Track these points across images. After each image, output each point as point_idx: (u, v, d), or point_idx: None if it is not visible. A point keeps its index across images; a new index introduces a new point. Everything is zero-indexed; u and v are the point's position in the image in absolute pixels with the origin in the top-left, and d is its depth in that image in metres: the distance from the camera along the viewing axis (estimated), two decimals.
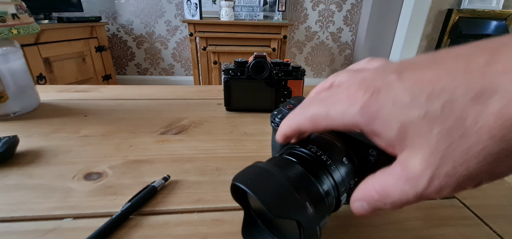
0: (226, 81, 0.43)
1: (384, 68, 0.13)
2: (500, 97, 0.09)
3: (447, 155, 0.11)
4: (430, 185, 0.11)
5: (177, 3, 2.32)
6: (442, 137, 0.11)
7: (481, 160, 0.10)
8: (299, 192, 0.15)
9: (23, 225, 0.22)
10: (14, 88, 0.41)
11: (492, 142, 0.10)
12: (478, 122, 0.10)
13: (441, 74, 0.11)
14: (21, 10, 0.41)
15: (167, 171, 0.29)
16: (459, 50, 0.11)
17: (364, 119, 0.12)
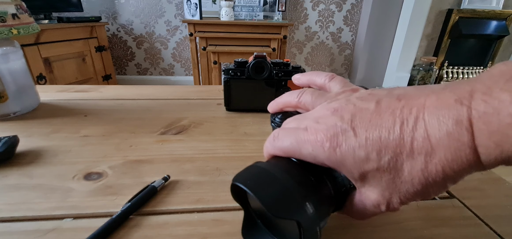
0: (226, 81, 0.43)
1: (341, 118, 0.16)
2: (422, 157, 0.14)
3: (394, 192, 0.15)
4: (387, 207, 0.16)
5: (177, 3, 2.32)
6: (390, 183, 0.15)
7: (416, 193, 0.15)
8: (299, 192, 0.15)
9: (23, 225, 0.22)
10: (14, 88, 0.41)
11: (421, 186, 0.14)
12: (411, 175, 0.14)
13: (384, 134, 0.14)
14: (21, 10, 0.41)
15: (167, 171, 0.29)
16: (396, 104, 0.15)
17: (332, 164, 0.16)
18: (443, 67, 2.47)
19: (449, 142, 0.13)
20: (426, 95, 0.14)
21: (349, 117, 0.16)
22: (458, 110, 0.12)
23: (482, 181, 0.30)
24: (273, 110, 0.24)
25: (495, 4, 2.30)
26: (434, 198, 0.27)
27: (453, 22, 2.29)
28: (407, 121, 0.14)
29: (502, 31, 2.33)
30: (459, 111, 0.12)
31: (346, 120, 0.16)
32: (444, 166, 0.13)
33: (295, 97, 0.22)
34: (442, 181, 0.14)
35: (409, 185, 0.15)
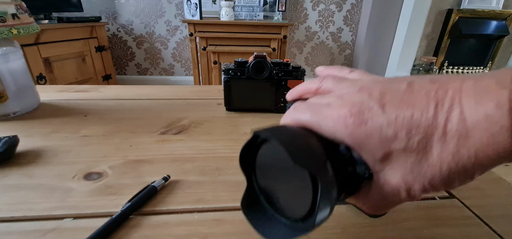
0: (226, 81, 0.43)
1: (369, 95, 0.15)
2: (455, 141, 0.13)
3: (417, 177, 0.14)
4: (407, 193, 0.15)
5: (177, 3, 2.32)
6: (415, 166, 0.14)
7: (441, 180, 0.14)
8: (321, 151, 0.14)
9: (23, 225, 0.22)
10: (14, 88, 0.41)
11: (448, 172, 0.13)
12: (440, 158, 0.13)
13: (416, 113, 0.14)
14: (21, 10, 0.41)
15: (167, 171, 0.29)
16: (429, 86, 0.14)
17: (353, 142, 0.15)
18: (443, 67, 2.47)
19: (488, 125, 0.12)
20: (461, 80, 0.13)
21: (378, 95, 0.15)
22: (500, 93, 0.12)
23: (482, 181, 0.30)
24: (292, 98, 0.22)
25: (495, 4, 2.30)
26: (434, 198, 0.27)
27: (453, 22, 2.29)
28: (442, 102, 0.13)
29: (502, 31, 2.33)
30: (501, 95, 0.12)
31: (375, 97, 0.15)
32: (478, 150, 0.12)
33: (316, 83, 0.20)
34: (472, 168, 0.13)
35: (436, 169, 0.14)
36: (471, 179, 0.14)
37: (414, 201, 0.15)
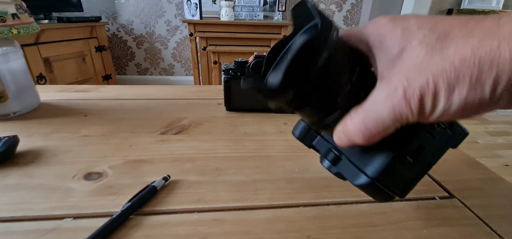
0: (226, 81, 0.43)
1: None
2: (481, 35, 0.12)
3: (422, 70, 0.13)
4: (403, 95, 0.14)
5: (177, 3, 2.32)
6: (425, 59, 0.13)
7: (447, 80, 0.13)
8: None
9: (23, 225, 0.22)
10: (14, 88, 0.41)
11: (460, 67, 0.12)
12: (457, 51, 0.12)
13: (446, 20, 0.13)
14: (21, 10, 0.41)
15: (167, 171, 0.29)
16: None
17: (376, 39, 0.15)
18: None
19: None
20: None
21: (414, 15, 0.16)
22: None
23: (482, 181, 0.30)
24: None
25: (495, 4, 2.30)
26: (434, 198, 0.27)
27: None
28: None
29: None
30: None
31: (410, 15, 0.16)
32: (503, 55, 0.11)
33: None
34: (488, 73, 0.12)
35: (447, 62, 0.12)
36: (480, 101, 0.12)
37: (405, 114, 0.14)
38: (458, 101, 0.13)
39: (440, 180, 0.30)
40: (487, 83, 0.12)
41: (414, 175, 0.17)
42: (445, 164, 0.33)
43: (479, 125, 1.95)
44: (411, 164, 0.17)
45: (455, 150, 0.36)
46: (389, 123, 0.14)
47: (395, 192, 0.17)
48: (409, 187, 0.18)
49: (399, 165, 0.17)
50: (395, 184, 0.17)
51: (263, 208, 0.25)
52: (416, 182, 0.18)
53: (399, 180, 0.17)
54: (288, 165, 0.31)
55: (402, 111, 0.14)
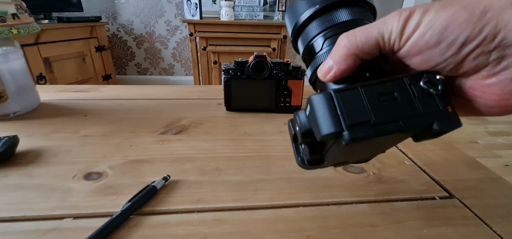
0: (226, 81, 0.43)
1: None
2: None
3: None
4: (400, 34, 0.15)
5: (177, 3, 2.32)
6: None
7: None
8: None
9: (23, 225, 0.22)
10: (14, 88, 0.41)
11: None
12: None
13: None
14: (21, 10, 0.41)
15: (167, 170, 0.29)
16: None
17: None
18: None
19: None
20: None
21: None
22: None
23: (482, 181, 0.30)
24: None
25: None
26: (434, 198, 0.27)
27: None
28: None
29: None
30: None
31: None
32: None
33: None
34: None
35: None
36: (466, 20, 0.13)
37: (390, 25, 0.15)
38: (446, 15, 0.13)
39: (440, 180, 0.30)
40: (477, 10, 0.13)
41: (376, 119, 0.14)
42: (445, 164, 0.33)
43: (479, 124, 1.95)
44: (377, 105, 0.15)
45: (455, 149, 0.36)
46: (375, 33, 0.15)
47: (346, 123, 0.14)
48: (364, 131, 0.14)
49: (364, 95, 0.15)
50: (349, 113, 0.14)
51: (263, 208, 0.25)
52: (374, 131, 0.14)
53: (355, 112, 0.14)
54: (288, 165, 0.31)
55: (390, 21, 0.15)
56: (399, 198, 0.27)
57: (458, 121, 0.15)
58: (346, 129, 0.14)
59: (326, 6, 0.18)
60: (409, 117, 0.15)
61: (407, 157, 0.34)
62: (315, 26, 0.19)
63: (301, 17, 0.19)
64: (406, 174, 0.31)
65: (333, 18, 0.18)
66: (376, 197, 0.27)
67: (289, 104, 0.45)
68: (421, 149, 0.36)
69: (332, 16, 0.18)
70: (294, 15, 0.20)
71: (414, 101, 0.15)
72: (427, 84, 0.15)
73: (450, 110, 0.15)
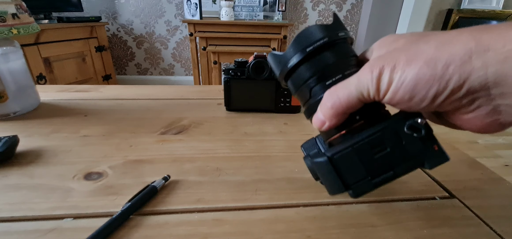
0: (226, 81, 0.43)
1: None
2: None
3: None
4: (378, 75, 0.16)
5: (177, 3, 2.32)
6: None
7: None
8: None
9: (23, 225, 0.22)
10: (14, 88, 0.41)
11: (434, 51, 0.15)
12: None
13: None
14: (21, 10, 0.41)
15: (167, 171, 0.29)
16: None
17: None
18: None
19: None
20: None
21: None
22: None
23: (482, 181, 0.30)
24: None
25: (495, 4, 2.30)
26: (434, 198, 0.27)
27: (453, 22, 2.29)
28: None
29: None
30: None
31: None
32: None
33: None
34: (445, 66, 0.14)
35: (412, 48, 0.15)
36: (431, 76, 0.14)
37: (366, 83, 0.16)
38: (412, 73, 0.15)
39: (440, 180, 0.30)
40: (439, 65, 0.14)
41: (372, 172, 0.17)
42: (445, 164, 0.33)
43: None
44: (371, 159, 0.17)
45: (455, 149, 0.36)
46: (354, 92, 0.17)
47: (348, 183, 0.17)
48: (364, 186, 0.17)
49: (357, 154, 0.17)
50: (349, 173, 0.17)
51: (263, 208, 0.25)
52: (372, 184, 0.17)
53: (354, 171, 0.17)
54: (288, 165, 0.31)
55: (365, 80, 0.16)
56: (399, 198, 0.27)
57: (445, 156, 0.16)
58: (350, 188, 0.17)
59: (311, 53, 0.19)
60: (401, 163, 0.16)
61: None
62: (303, 71, 0.19)
63: (288, 65, 0.20)
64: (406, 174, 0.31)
65: (319, 63, 0.19)
66: (376, 197, 0.27)
67: (289, 104, 0.45)
68: None
69: (317, 61, 0.19)
70: (280, 62, 0.20)
71: (403, 146, 0.16)
72: (410, 130, 0.16)
73: (437, 149, 0.16)
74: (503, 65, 0.13)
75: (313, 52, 0.18)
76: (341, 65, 0.19)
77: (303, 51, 0.18)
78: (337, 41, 0.19)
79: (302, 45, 0.19)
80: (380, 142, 0.17)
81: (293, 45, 0.19)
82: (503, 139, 1.75)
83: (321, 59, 0.19)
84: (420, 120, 0.16)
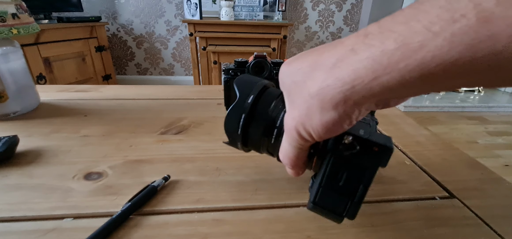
0: (226, 81, 0.43)
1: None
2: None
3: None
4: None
5: (177, 3, 2.32)
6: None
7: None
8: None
9: (23, 225, 0.22)
10: (14, 88, 0.41)
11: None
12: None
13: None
14: (21, 10, 0.41)
15: (167, 171, 0.29)
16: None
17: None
18: None
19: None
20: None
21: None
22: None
23: (482, 181, 0.30)
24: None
25: None
26: (434, 198, 0.27)
27: None
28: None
29: None
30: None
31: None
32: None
33: None
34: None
35: (296, 108, 0.16)
36: (335, 121, 0.14)
37: (296, 138, 0.17)
38: (317, 123, 0.15)
39: (440, 180, 0.30)
40: (330, 107, 0.14)
41: (348, 195, 0.18)
42: (445, 164, 0.33)
43: (479, 124, 1.95)
44: (341, 186, 0.18)
45: (455, 149, 0.36)
46: (295, 149, 0.18)
47: (340, 212, 0.19)
48: (352, 208, 0.18)
49: (327, 188, 0.19)
50: (335, 204, 0.19)
51: (263, 208, 0.25)
52: (355, 204, 0.18)
53: (336, 201, 0.19)
54: None
55: (293, 140, 0.17)
56: (399, 198, 0.27)
57: (389, 149, 0.17)
58: (343, 215, 0.19)
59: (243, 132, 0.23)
60: (362, 176, 0.18)
61: (407, 157, 0.34)
62: (253, 136, 0.23)
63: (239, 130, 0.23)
64: (406, 174, 0.31)
65: (256, 132, 0.23)
66: (376, 197, 0.27)
67: None
68: (421, 149, 0.36)
69: (253, 132, 0.23)
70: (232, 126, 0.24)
71: (354, 164, 0.18)
72: (348, 151, 0.18)
73: (377, 150, 0.17)
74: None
75: (244, 131, 0.23)
76: (270, 123, 0.21)
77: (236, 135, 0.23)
78: (254, 110, 0.22)
79: (229, 130, 0.24)
80: (335, 172, 0.18)
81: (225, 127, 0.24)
82: (503, 139, 1.75)
83: (254, 131, 0.22)
84: (346, 140, 0.17)
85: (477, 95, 2.43)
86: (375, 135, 0.18)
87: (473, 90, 2.50)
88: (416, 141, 0.39)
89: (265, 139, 0.22)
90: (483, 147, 1.64)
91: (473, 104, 2.22)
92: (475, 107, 2.21)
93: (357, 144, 0.17)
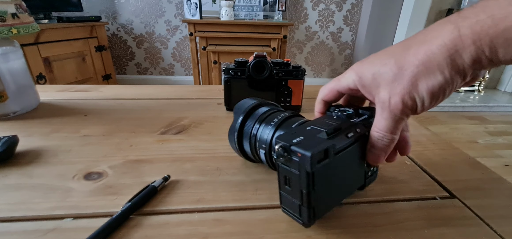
0: (226, 81, 0.43)
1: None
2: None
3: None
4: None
5: (177, 3, 2.32)
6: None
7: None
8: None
9: (23, 225, 0.22)
10: (14, 88, 0.41)
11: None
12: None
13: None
14: (21, 10, 0.41)
15: (167, 170, 0.29)
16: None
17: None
18: None
19: None
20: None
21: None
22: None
23: (483, 181, 0.30)
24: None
25: None
26: (435, 198, 0.27)
27: None
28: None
29: None
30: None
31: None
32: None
33: None
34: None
35: (408, 72, 0.19)
36: (441, 84, 0.18)
37: (401, 111, 0.19)
38: (426, 88, 0.18)
39: (440, 180, 0.30)
40: (442, 67, 0.17)
41: (300, 200, 0.20)
42: (446, 164, 0.33)
43: (479, 124, 1.95)
44: (290, 190, 0.20)
45: (455, 149, 0.36)
46: (395, 122, 0.20)
47: (297, 215, 0.21)
48: (301, 212, 0.20)
49: (283, 191, 0.21)
50: (293, 209, 0.21)
51: (264, 208, 0.25)
52: (302, 206, 0.20)
53: (293, 205, 0.21)
54: None
55: (398, 108, 0.19)
56: (400, 198, 0.27)
57: (306, 156, 0.18)
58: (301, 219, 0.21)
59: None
60: (301, 180, 0.19)
61: (407, 157, 0.34)
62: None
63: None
64: (407, 174, 0.31)
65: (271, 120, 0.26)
66: (376, 197, 0.27)
67: (290, 104, 0.45)
68: (421, 149, 0.36)
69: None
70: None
71: (290, 169, 0.19)
72: (280, 157, 0.19)
73: (300, 156, 0.18)
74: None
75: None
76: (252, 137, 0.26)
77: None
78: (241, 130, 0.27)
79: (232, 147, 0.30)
80: (284, 177, 0.20)
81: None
82: (503, 139, 1.75)
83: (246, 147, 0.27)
84: (277, 147, 0.19)
85: (477, 95, 2.43)
86: (314, 139, 0.19)
87: (473, 90, 2.49)
88: (416, 140, 0.39)
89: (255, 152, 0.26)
90: (484, 147, 1.64)
91: (473, 104, 2.22)
92: (475, 107, 2.21)
93: (284, 151, 0.19)
